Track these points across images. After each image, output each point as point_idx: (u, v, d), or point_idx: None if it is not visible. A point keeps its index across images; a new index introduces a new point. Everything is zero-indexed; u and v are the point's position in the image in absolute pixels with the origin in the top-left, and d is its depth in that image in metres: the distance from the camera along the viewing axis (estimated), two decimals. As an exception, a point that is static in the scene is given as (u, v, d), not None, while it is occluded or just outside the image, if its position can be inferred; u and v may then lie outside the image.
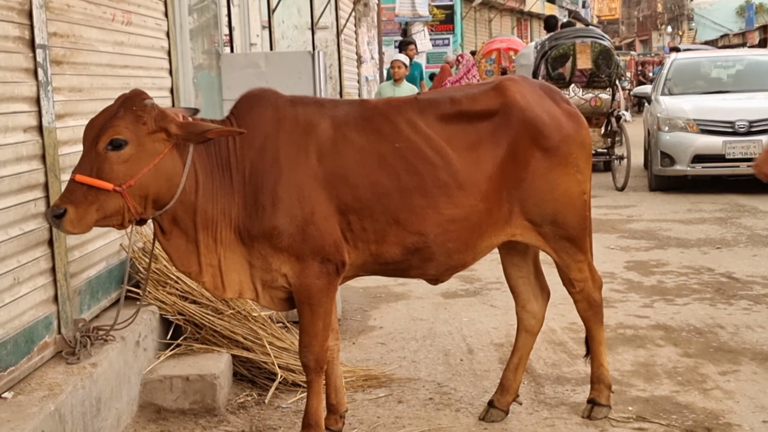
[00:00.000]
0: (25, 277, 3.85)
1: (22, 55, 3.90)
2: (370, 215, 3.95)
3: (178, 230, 3.82)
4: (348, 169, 3.93)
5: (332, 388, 4.36)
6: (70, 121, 4.38)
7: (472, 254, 4.17)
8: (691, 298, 6.84)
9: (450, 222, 4.03)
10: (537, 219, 4.20)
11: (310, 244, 3.87)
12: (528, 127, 4.12)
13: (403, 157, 3.98)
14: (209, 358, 4.84)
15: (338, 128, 3.98)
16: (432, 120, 4.07)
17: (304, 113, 3.98)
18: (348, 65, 15.60)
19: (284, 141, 3.90)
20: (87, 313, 4.42)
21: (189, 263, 3.87)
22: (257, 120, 3.93)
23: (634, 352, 5.57)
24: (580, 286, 4.40)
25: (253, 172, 3.87)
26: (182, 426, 4.49)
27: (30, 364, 3.87)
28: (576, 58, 13.46)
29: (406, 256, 4.06)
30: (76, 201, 3.52)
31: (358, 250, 4.01)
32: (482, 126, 4.11)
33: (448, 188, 4.01)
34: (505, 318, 6.40)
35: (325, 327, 4.02)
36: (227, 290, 3.95)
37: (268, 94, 4.04)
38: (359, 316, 6.68)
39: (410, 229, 4.00)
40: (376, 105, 4.15)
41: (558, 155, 4.18)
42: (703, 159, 12.21)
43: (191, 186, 3.77)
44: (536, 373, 5.21)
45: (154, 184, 3.66)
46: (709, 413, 4.55)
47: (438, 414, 4.66)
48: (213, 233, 3.85)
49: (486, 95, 4.17)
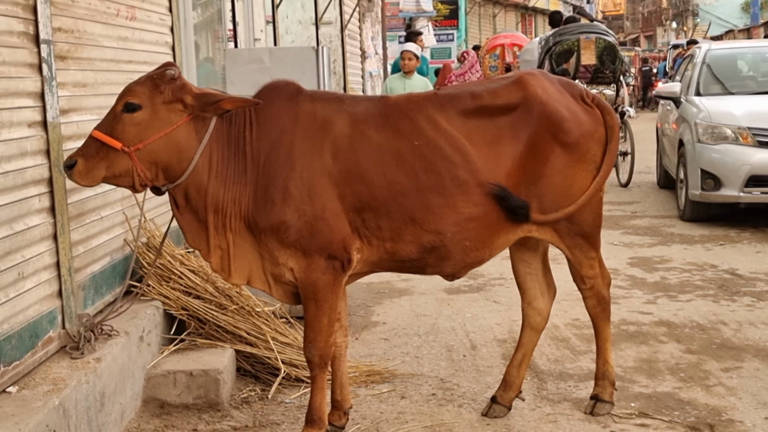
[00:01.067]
0: (30, 272, 3.86)
1: (26, 50, 3.91)
2: (386, 213, 3.94)
3: (190, 207, 3.91)
4: (364, 167, 3.92)
5: (338, 384, 4.36)
6: (74, 116, 4.39)
7: (488, 251, 4.17)
8: (694, 295, 6.84)
9: (468, 221, 4.01)
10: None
11: (318, 241, 3.87)
12: (548, 121, 4.11)
13: (421, 156, 3.96)
14: (213, 353, 4.85)
15: (356, 125, 3.97)
16: (453, 115, 4.05)
17: (323, 109, 3.98)
18: (352, 60, 15.60)
19: (300, 136, 3.91)
20: (91, 308, 4.43)
21: (199, 241, 3.95)
22: (276, 113, 3.95)
23: (637, 349, 5.58)
24: (591, 283, 4.40)
25: (267, 164, 3.88)
26: (186, 421, 4.51)
27: (34, 358, 3.88)
28: (580, 54, 13.44)
29: (422, 255, 4.05)
30: (88, 155, 3.70)
31: (372, 248, 4.00)
32: (503, 120, 4.09)
33: (467, 186, 3.99)
34: (508, 314, 6.41)
35: (329, 323, 4.02)
36: (233, 275, 3.98)
37: (290, 87, 4.04)
38: (362, 312, 6.69)
39: (427, 228, 3.98)
40: (396, 102, 4.11)
41: (577, 151, 4.16)
42: (763, 181, 9.23)
43: (204, 165, 3.83)
44: (539, 369, 5.22)
45: (164, 153, 3.76)
46: (712, 410, 4.56)
47: (441, 409, 4.67)
48: (222, 218, 3.89)
49: (507, 89, 4.15)
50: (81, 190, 4.41)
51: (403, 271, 4.31)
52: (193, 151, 3.81)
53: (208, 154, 3.84)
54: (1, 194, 3.65)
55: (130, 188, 3.84)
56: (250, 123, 3.94)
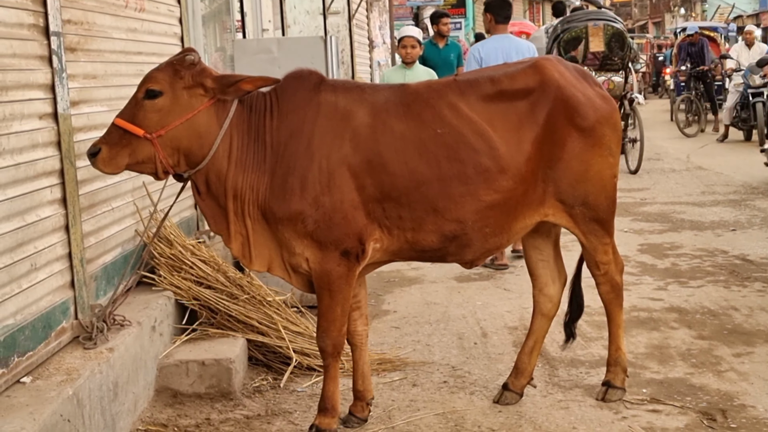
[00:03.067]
0: (42, 263, 3.88)
1: (36, 42, 3.92)
2: (407, 203, 3.94)
3: (211, 193, 3.94)
4: (386, 157, 3.91)
5: (359, 374, 4.34)
6: (84, 107, 4.40)
7: (507, 236, 4.17)
8: (705, 281, 6.84)
9: (488, 208, 4.01)
10: (569, 200, 4.18)
11: (335, 232, 3.87)
12: (565, 105, 4.11)
13: (445, 144, 3.95)
14: (224, 342, 4.87)
15: (378, 115, 3.96)
16: (474, 101, 4.05)
17: (344, 100, 3.97)
18: (360, 50, 15.57)
19: (321, 127, 3.90)
20: (103, 299, 4.45)
21: (220, 227, 3.98)
22: (298, 102, 3.95)
23: (648, 335, 5.58)
24: (605, 269, 4.40)
25: (286, 154, 3.89)
26: (198, 410, 4.53)
27: (48, 349, 3.90)
28: (588, 41, 13.39)
29: (443, 244, 4.04)
30: (111, 142, 3.75)
31: (393, 237, 3.99)
32: (521, 105, 4.09)
33: (489, 173, 3.98)
34: (518, 302, 6.41)
35: (343, 313, 4.03)
36: (254, 262, 4.00)
37: (313, 77, 4.04)
38: (373, 301, 6.70)
39: (449, 217, 3.98)
40: (417, 90, 4.10)
41: (593, 136, 4.16)
42: None
43: (224, 151, 3.86)
44: (550, 356, 5.22)
45: (186, 138, 3.80)
46: (724, 395, 4.56)
47: (452, 397, 4.68)
48: (241, 204, 3.92)
49: (524, 73, 4.15)
50: (92, 182, 4.43)
51: (423, 260, 4.30)
52: (214, 137, 3.83)
53: (228, 140, 3.87)
54: (13, 186, 3.66)
55: (153, 175, 3.87)
56: (271, 111, 3.95)
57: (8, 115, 3.65)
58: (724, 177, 12.31)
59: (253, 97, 3.97)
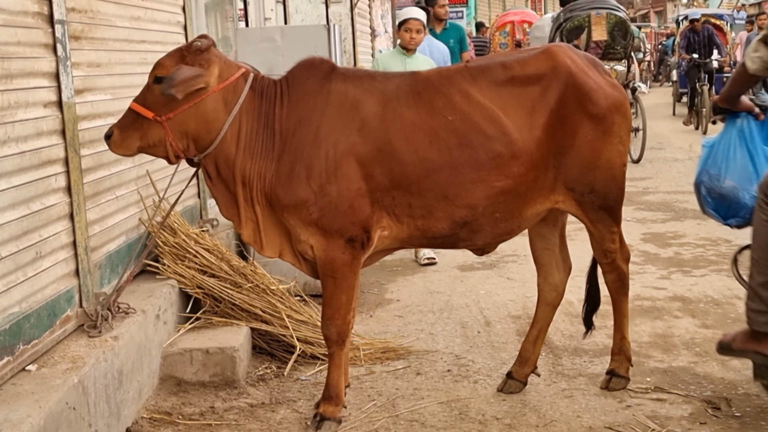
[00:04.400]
0: (47, 251, 3.88)
1: (41, 30, 3.91)
2: (417, 191, 3.94)
3: (221, 179, 4.00)
4: (396, 145, 3.91)
5: None
6: (88, 96, 4.40)
7: (518, 222, 4.16)
8: (708, 270, 6.84)
9: (500, 194, 4.01)
10: (579, 187, 4.17)
11: (340, 220, 3.88)
12: (577, 91, 4.10)
13: (456, 131, 3.95)
14: (228, 331, 4.88)
15: (388, 104, 3.96)
16: (485, 87, 4.04)
17: (354, 89, 3.98)
18: (362, 39, 15.54)
19: (330, 115, 3.92)
20: (108, 287, 4.45)
21: (231, 212, 4.04)
22: (308, 90, 3.97)
23: (652, 324, 5.58)
24: (612, 257, 4.40)
25: (294, 141, 3.91)
26: (202, 398, 4.53)
27: (53, 337, 3.91)
28: (591, 30, 13.35)
29: (454, 230, 4.05)
30: (124, 125, 3.90)
31: (402, 225, 4.00)
32: (533, 90, 4.08)
33: (501, 159, 3.98)
34: (522, 290, 6.42)
35: (348, 301, 4.04)
36: (265, 248, 4.05)
37: (324, 66, 4.06)
38: (376, 290, 6.70)
39: (459, 204, 3.98)
40: (428, 77, 4.10)
41: (604, 123, 4.14)
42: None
43: (233, 137, 3.91)
44: (554, 344, 5.22)
45: (194, 123, 3.87)
46: (728, 384, 4.56)
47: (456, 385, 4.69)
48: (250, 191, 3.96)
49: (536, 59, 4.14)
50: (96, 170, 4.43)
51: (434, 247, 4.32)
52: (222, 122, 3.89)
53: (237, 125, 3.91)
54: (18, 174, 3.66)
55: (166, 159, 3.96)
56: (281, 99, 3.98)
57: (13, 103, 3.64)
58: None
59: (265, 84, 4.01)
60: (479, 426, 4.17)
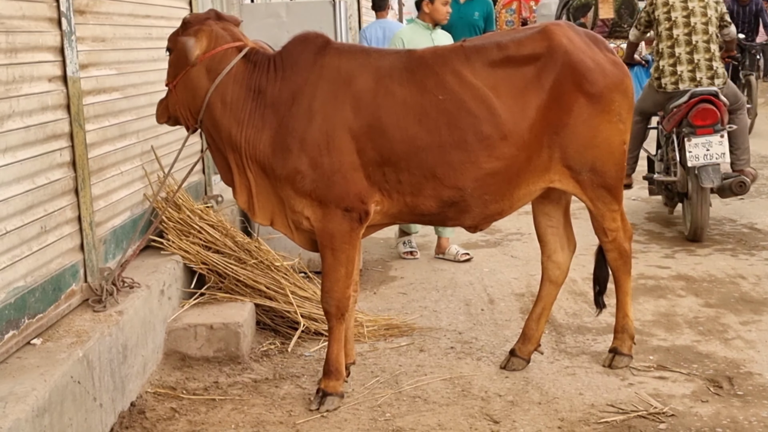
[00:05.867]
0: (52, 225, 3.89)
1: (46, 4, 3.90)
2: (406, 168, 3.97)
3: (215, 145, 4.18)
4: (386, 122, 3.94)
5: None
6: (93, 70, 4.39)
7: (509, 203, 4.17)
8: (712, 249, 6.83)
9: (489, 175, 4.02)
10: (576, 166, 4.17)
11: (335, 192, 3.92)
12: (573, 71, 4.08)
13: (445, 111, 3.96)
14: (232, 306, 4.89)
15: (381, 80, 3.98)
16: (479, 67, 4.04)
17: (348, 63, 4.02)
18: (367, 16, 15.47)
19: (323, 89, 3.96)
20: (112, 262, 4.46)
21: (227, 178, 4.21)
22: (302, 64, 4.03)
23: (656, 302, 5.58)
24: (613, 236, 4.40)
25: (288, 114, 3.97)
26: (206, 373, 4.55)
27: (58, 311, 3.92)
28: (598, 8, 13.28)
29: (442, 209, 4.07)
30: (163, 97, 4.30)
31: (392, 201, 4.04)
32: (528, 70, 4.07)
33: (490, 141, 3.98)
34: (525, 269, 6.42)
35: (347, 274, 4.06)
36: (257, 214, 4.18)
37: (319, 40, 4.11)
38: (380, 267, 6.71)
39: (447, 184, 4.00)
40: (422, 55, 4.10)
41: (602, 102, 4.13)
42: None
43: (216, 104, 4.06)
44: (557, 322, 5.23)
45: (183, 91, 4.14)
46: (730, 362, 4.57)
47: (459, 362, 4.70)
48: (239, 157, 4.08)
49: (532, 39, 4.12)
50: (101, 145, 4.43)
51: (423, 224, 4.35)
52: (205, 90, 4.05)
53: (221, 93, 4.04)
54: (24, 148, 3.66)
55: (185, 127, 4.27)
56: (275, 71, 4.05)
57: (18, 77, 3.63)
58: (733, 146, 12.22)
59: (260, 55, 4.11)
60: (482, 402, 4.19)
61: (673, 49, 7.02)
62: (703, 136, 6.81)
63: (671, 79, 7.02)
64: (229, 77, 4.03)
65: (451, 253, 6.80)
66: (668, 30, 7.07)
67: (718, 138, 6.81)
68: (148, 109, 4.88)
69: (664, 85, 7.05)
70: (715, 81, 6.97)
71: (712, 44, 7.01)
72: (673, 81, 7.03)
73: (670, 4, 7.10)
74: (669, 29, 7.07)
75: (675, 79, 7.02)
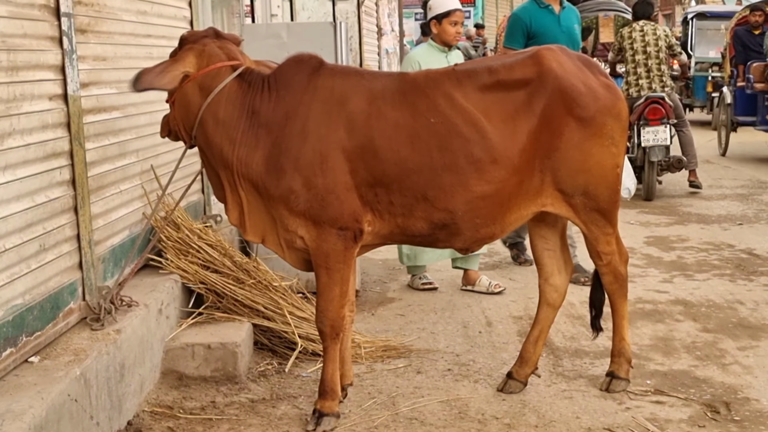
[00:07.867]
0: (51, 243, 3.89)
1: (47, 23, 3.92)
2: (398, 190, 3.98)
3: (208, 161, 4.19)
4: (378, 143, 3.95)
5: (340, 359, 4.35)
6: (94, 89, 4.40)
7: (500, 227, 4.18)
8: (711, 274, 6.84)
9: (479, 199, 4.03)
10: (568, 189, 4.18)
11: (329, 212, 3.94)
12: (563, 95, 4.09)
13: (436, 133, 3.97)
14: (230, 326, 4.89)
15: (374, 102, 4.00)
16: (470, 91, 4.05)
17: (342, 84, 4.03)
18: (368, 37, 15.54)
19: (316, 110, 3.97)
20: (111, 281, 4.46)
21: (220, 195, 4.21)
22: (295, 85, 4.04)
23: (653, 327, 5.58)
24: (607, 259, 4.40)
25: (281, 134, 3.98)
26: (203, 393, 4.54)
27: (55, 329, 3.91)
28: (599, 32, 13.37)
29: (433, 231, 4.08)
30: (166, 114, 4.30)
31: (384, 221, 4.05)
32: (518, 95, 4.08)
33: (480, 164, 3.99)
34: (523, 291, 6.42)
35: (341, 294, 4.06)
36: (248, 232, 4.18)
37: (313, 61, 4.12)
38: (378, 288, 6.71)
39: (438, 206, 4.01)
40: (415, 79, 4.13)
41: (593, 126, 4.14)
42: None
43: (209, 121, 4.06)
44: (555, 345, 5.23)
45: (178, 107, 4.12)
46: (728, 388, 4.56)
47: (457, 385, 4.69)
48: (231, 175, 4.08)
49: (523, 64, 4.14)
50: (101, 164, 4.44)
51: (414, 245, 4.37)
52: (198, 106, 4.06)
53: (213, 111, 4.04)
54: (23, 166, 3.67)
55: (183, 143, 4.25)
56: (268, 91, 4.07)
57: (19, 95, 3.65)
58: (732, 171, 12.29)
59: (254, 75, 4.11)
60: (478, 425, 4.18)
61: (636, 68, 10.22)
62: (654, 126, 9.89)
63: (635, 88, 10.20)
64: (221, 95, 4.03)
65: (483, 285, 6.51)
66: (632, 55, 10.27)
67: (663, 128, 9.89)
68: (148, 128, 4.90)
69: (630, 92, 10.18)
70: (665, 89, 10.12)
71: (663, 65, 10.19)
72: (636, 89, 10.21)
73: (633, 38, 10.23)
74: (633, 54, 10.26)
75: (637, 88, 10.18)
